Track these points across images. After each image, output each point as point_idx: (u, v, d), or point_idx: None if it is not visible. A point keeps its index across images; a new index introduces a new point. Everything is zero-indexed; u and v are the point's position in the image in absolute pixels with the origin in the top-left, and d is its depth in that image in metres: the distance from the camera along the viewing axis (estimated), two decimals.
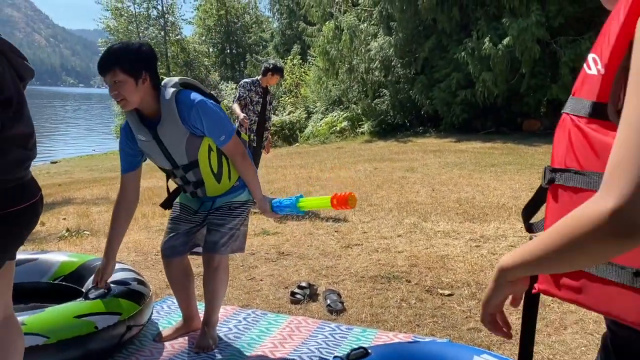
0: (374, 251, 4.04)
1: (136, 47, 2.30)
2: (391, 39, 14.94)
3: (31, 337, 2.04)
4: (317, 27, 18.78)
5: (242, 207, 2.60)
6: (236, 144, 2.45)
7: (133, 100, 2.28)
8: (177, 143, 2.37)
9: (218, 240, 2.53)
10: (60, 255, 3.10)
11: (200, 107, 2.33)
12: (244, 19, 32.79)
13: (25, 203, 1.62)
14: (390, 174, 7.91)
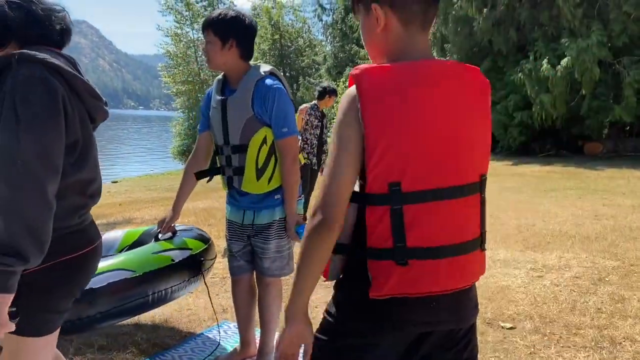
0: None
1: (232, 16, 2.36)
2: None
3: (122, 272, 2.42)
4: None
5: (283, 227, 2.51)
6: (293, 144, 2.41)
7: (216, 62, 2.39)
8: (237, 120, 2.39)
9: (268, 265, 2.51)
10: (121, 230, 3.30)
11: (278, 93, 2.35)
12: (297, 43, 33.36)
13: (82, 250, 1.55)
14: None
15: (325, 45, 31.45)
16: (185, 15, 32.42)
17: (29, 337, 1.43)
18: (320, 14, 30.36)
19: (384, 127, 1.14)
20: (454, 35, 14.09)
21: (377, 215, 1.17)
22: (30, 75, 1.34)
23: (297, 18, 34.79)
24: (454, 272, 1.22)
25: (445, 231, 1.20)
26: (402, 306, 1.20)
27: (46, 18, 1.46)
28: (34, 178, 1.31)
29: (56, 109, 1.37)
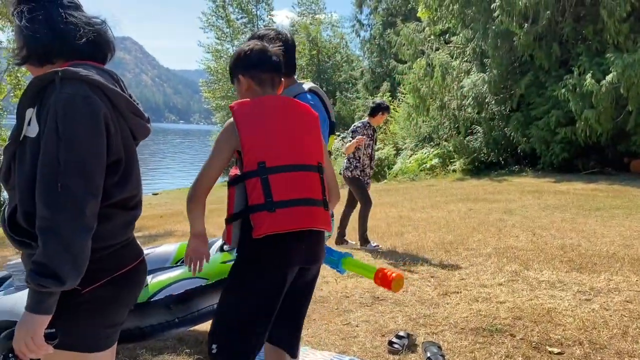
0: (474, 300, 3.87)
1: (270, 37, 2.36)
2: (485, 76, 14.63)
3: (196, 280, 2.64)
4: (407, 64, 18.81)
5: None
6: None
7: None
8: None
9: None
10: (173, 244, 3.41)
11: None
12: (334, 58, 33.51)
13: (134, 262, 1.57)
14: (486, 216, 7.63)
15: (363, 60, 31.47)
16: (225, 32, 33.09)
17: (91, 353, 1.45)
18: (358, 30, 30.46)
19: (250, 132, 1.89)
20: (494, 50, 13.87)
21: (252, 184, 1.86)
22: (74, 94, 1.34)
23: (334, 34, 35.02)
24: (307, 216, 1.89)
25: (298, 190, 1.89)
26: (279, 241, 1.87)
27: (90, 33, 1.46)
28: (73, 200, 1.30)
29: (98, 130, 1.37)
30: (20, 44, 1.43)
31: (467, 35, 15.49)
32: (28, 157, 1.36)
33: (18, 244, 1.41)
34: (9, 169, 1.42)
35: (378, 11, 27.54)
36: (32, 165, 1.35)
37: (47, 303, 1.31)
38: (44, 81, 1.36)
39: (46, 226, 1.29)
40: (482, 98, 14.93)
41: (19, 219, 1.38)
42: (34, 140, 1.36)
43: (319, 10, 35.85)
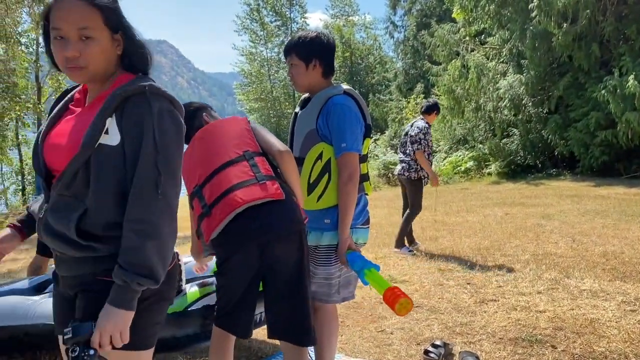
0: (512, 309, 3.77)
1: (312, 37, 2.42)
2: (522, 77, 14.33)
3: None
4: (442, 66, 18.60)
5: (333, 254, 2.38)
6: (352, 161, 2.31)
7: (302, 83, 2.46)
8: (301, 132, 2.42)
9: (314, 289, 2.41)
10: None
11: (342, 109, 2.31)
12: (367, 60, 33.42)
13: (175, 258, 1.62)
14: (523, 221, 7.45)
15: (396, 62, 31.27)
16: (259, 34, 33.37)
17: (144, 351, 1.50)
18: (392, 31, 30.27)
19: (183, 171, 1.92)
20: (532, 50, 13.55)
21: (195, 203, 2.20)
22: (162, 108, 1.44)
23: (368, 35, 34.92)
24: (236, 199, 2.06)
25: (222, 185, 2.11)
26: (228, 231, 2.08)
27: (142, 46, 1.55)
28: (170, 206, 1.42)
29: (182, 142, 1.50)
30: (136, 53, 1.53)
31: (504, 36, 15.21)
32: (108, 165, 1.42)
33: (81, 248, 1.43)
34: (74, 176, 1.43)
35: (412, 12, 27.33)
36: (112, 172, 1.42)
37: (135, 300, 1.39)
38: (129, 93, 1.43)
39: (146, 229, 1.38)
40: (518, 100, 14.63)
41: (89, 225, 1.42)
42: (115, 149, 1.42)
43: (352, 12, 35.83)
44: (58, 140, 1.48)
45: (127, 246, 1.38)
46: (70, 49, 1.41)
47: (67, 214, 1.43)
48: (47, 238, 1.48)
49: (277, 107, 32.72)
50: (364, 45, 34.09)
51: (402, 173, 5.93)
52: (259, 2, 32.99)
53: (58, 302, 1.61)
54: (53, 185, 1.46)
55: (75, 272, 1.48)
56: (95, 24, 1.42)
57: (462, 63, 16.39)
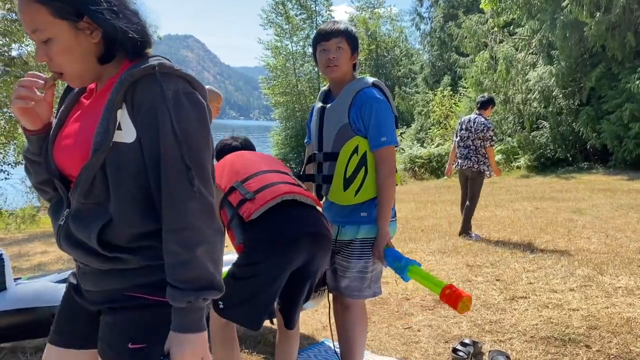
0: (544, 307, 3.66)
1: (352, 28, 2.42)
2: (552, 68, 14.01)
3: None
4: (470, 57, 18.31)
5: (367, 247, 2.37)
6: (392, 154, 2.32)
7: (343, 69, 2.38)
8: (332, 127, 2.38)
9: (346, 284, 2.42)
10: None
11: (377, 103, 2.31)
12: (393, 52, 33.11)
13: None
14: (554, 216, 7.27)
15: (423, 54, 30.92)
16: (284, 28, 33.30)
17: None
18: (418, 23, 29.93)
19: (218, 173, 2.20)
20: (562, 41, 13.21)
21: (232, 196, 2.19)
22: (177, 90, 1.21)
23: (393, 28, 34.57)
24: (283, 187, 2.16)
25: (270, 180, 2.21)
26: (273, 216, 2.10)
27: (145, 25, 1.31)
28: (208, 203, 1.22)
29: (207, 126, 1.26)
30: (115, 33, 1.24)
31: (533, 26, 14.87)
32: (127, 166, 1.21)
33: (106, 260, 1.25)
34: (92, 182, 1.23)
35: (439, 4, 26.97)
36: (133, 174, 1.22)
37: (204, 318, 1.22)
38: (136, 76, 1.19)
39: (190, 236, 1.18)
40: (549, 92, 14.32)
41: (113, 235, 1.23)
42: (132, 147, 1.21)
43: (377, 5, 35.45)
44: (67, 141, 1.28)
45: (175, 261, 1.19)
46: (39, 56, 1.23)
47: (89, 223, 1.24)
48: (67, 248, 1.28)
49: (302, 101, 32.66)
50: (390, 38, 33.76)
51: (470, 166, 6.19)
52: None
53: (69, 311, 1.43)
54: (71, 192, 1.26)
55: (101, 287, 1.30)
56: (43, 21, 1.18)
57: (491, 54, 16.12)
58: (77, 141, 1.25)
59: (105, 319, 1.29)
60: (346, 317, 2.49)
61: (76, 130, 1.27)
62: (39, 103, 1.31)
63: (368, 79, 2.41)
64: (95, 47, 1.24)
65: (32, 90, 1.26)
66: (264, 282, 2.10)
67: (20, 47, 17.47)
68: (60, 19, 1.18)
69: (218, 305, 2.12)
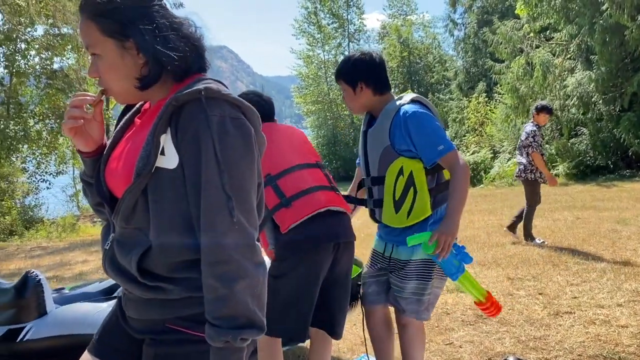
0: (590, 323, 3.54)
1: (355, 59, 2.39)
2: (591, 74, 13.65)
3: None
4: (505, 63, 18.02)
5: (424, 269, 2.33)
6: (457, 157, 2.21)
7: (354, 107, 2.46)
8: (375, 151, 2.37)
9: (404, 307, 2.40)
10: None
11: (416, 116, 2.24)
12: (426, 59, 32.88)
13: None
14: (596, 226, 7.06)
15: (456, 60, 30.59)
16: (317, 37, 33.51)
17: None
18: (452, 29, 29.64)
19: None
20: (602, 45, 12.86)
21: (266, 193, 2.10)
22: (223, 116, 1.16)
23: (426, 34, 34.37)
24: (320, 198, 2.20)
25: (306, 182, 2.21)
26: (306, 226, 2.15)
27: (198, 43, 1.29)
28: (249, 235, 1.16)
29: (253, 155, 1.20)
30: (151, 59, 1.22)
31: (571, 31, 14.54)
32: (168, 192, 1.18)
33: (147, 289, 1.22)
34: (134, 207, 1.21)
35: (473, 9, 26.66)
36: (174, 202, 1.19)
37: (244, 359, 1.15)
38: (181, 101, 1.16)
39: (229, 270, 1.12)
40: (588, 97, 13.95)
41: (153, 263, 1.21)
42: (174, 173, 1.18)
43: (410, 12, 35.40)
44: (115, 163, 1.27)
45: (212, 297, 1.13)
46: (90, 70, 1.24)
47: (130, 249, 1.22)
48: (111, 273, 1.28)
49: (333, 109, 32.75)
50: (423, 45, 33.56)
51: (519, 174, 6.40)
52: (316, 5, 33.13)
53: (114, 326, 1.40)
54: (113, 215, 1.26)
55: (143, 316, 1.28)
56: (93, 37, 1.20)
57: (527, 60, 15.82)
58: (123, 164, 1.24)
59: (147, 351, 1.26)
60: (402, 335, 2.49)
61: (124, 153, 1.26)
62: (90, 123, 1.31)
63: (407, 96, 2.39)
64: (140, 67, 1.23)
65: (82, 110, 1.27)
66: (301, 292, 2.16)
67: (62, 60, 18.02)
68: (107, 37, 1.20)
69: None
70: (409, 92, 2.53)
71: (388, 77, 2.43)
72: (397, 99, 2.39)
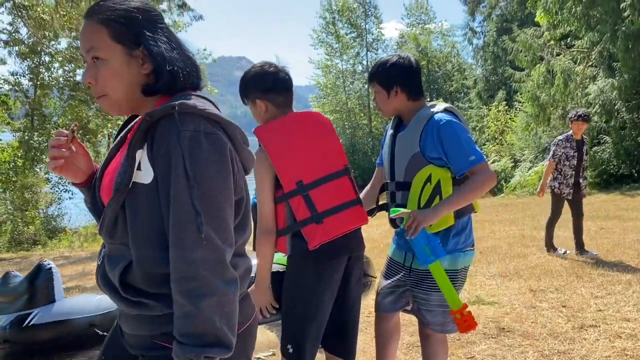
0: (616, 337, 3.46)
1: (392, 63, 2.37)
2: (614, 81, 13.47)
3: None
4: (525, 72, 17.88)
5: (452, 278, 2.30)
6: (488, 168, 2.18)
7: (386, 110, 2.43)
8: (403, 156, 2.34)
9: (429, 320, 2.38)
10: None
11: (448, 125, 2.20)
12: (445, 67, 32.77)
13: (252, 317, 1.38)
14: (621, 237, 6.92)
15: (476, 68, 30.43)
16: (335, 47, 33.61)
17: None
18: (471, 38, 29.54)
19: (280, 155, 2.07)
20: (625, 52, 12.68)
21: (296, 202, 2.06)
22: (196, 130, 1.16)
23: (445, 43, 34.26)
24: (350, 218, 2.15)
25: (337, 197, 2.13)
26: (330, 244, 2.08)
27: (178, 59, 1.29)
28: (219, 252, 1.14)
29: (227, 170, 1.19)
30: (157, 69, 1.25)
31: (593, 38, 14.38)
32: (143, 207, 1.19)
33: (131, 304, 1.22)
34: (115, 222, 1.22)
35: (492, 18, 26.55)
36: (148, 216, 1.18)
37: None
38: (156, 117, 1.17)
39: (196, 287, 1.11)
40: (610, 105, 13.77)
41: (134, 278, 1.21)
42: (148, 188, 1.18)
43: (428, 20, 35.32)
44: (107, 179, 1.29)
45: (179, 314, 1.12)
46: (86, 77, 1.23)
47: (115, 264, 1.23)
48: (103, 288, 1.28)
49: (352, 119, 32.77)
50: (442, 53, 33.46)
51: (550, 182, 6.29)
52: (334, 15, 33.27)
53: (116, 342, 1.40)
54: (99, 231, 1.28)
55: (134, 332, 1.29)
56: (101, 41, 1.20)
57: (547, 68, 15.67)
58: (109, 180, 1.26)
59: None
60: (425, 347, 2.49)
61: (113, 169, 1.28)
62: (75, 157, 1.35)
63: (440, 105, 2.37)
64: (143, 78, 1.25)
65: (60, 149, 1.29)
66: (317, 305, 2.13)
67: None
68: (117, 43, 1.21)
69: (288, 350, 2.11)
70: (440, 101, 2.54)
71: (422, 84, 2.42)
72: (430, 106, 2.37)
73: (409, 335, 3.55)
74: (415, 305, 2.43)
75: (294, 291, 2.15)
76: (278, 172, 2.06)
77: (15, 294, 3.25)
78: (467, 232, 2.34)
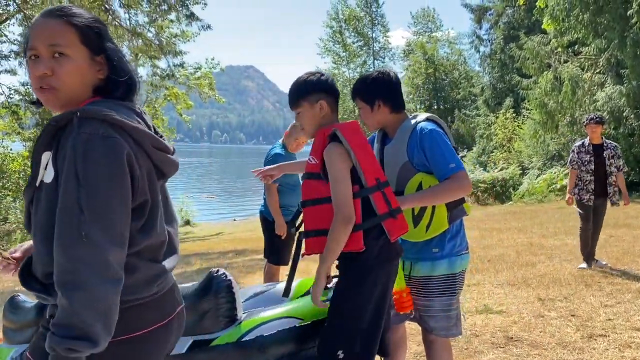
0: (626, 346, 3.43)
1: (372, 78, 2.44)
2: (622, 88, 13.42)
3: (290, 320, 2.44)
4: (533, 79, 17.85)
5: (448, 284, 2.38)
6: (466, 177, 2.28)
7: (371, 124, 2.49)
8: (393, 166, 2.40)
9: (433, 325, 2.41)
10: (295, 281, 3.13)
11: (431, 134, 2.31)
12: (452, 75, 32.75)
13: (154, 325, 1.37)
14: (630, 245, 6.87)
15: (483, 76, 30.39)
16: (342, 56, 33.73)
17: None
18: (478, 45, 29.52)
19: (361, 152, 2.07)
20: (633, 59, 12.63)
21: (377, 197, 2.08)
22: (92, 134, 1.21)
23: (452, 51, 34.27)
24: (403, 222, 2.18)
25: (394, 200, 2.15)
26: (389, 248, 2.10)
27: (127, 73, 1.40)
28: (98, 250, 1.17)
29: (121, 172, 1.23)
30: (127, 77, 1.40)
31: (600, 45, 14.35)
32: (43, 203, 1.26)
33: (37, 297, 1.34)
34: (29, 217, 1.34)
35: (499, 25, 26.53)
36: (47, 213, 1.25)
37: None
38: (61, 122, 1.25)
39: (69, 280, 1.15)
40: (619, 112, 13.71)
41: (35, 271, 1.32)
42: (50, 186, 1.25)
43: (435, 28, 35.39)
44: None
45: (58, 305, 1.18)
46: (42, 67, 1.28)
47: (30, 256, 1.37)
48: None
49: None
50: (449, 61, 33.44)
51: None
52: (341, 24, 33.43)
53: None
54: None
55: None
56: (69, 40, 1.29)
57: (555, 75, 15.64)
58: None
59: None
60: (429, 353, 2.49)
61: None
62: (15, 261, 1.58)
63: (422, 115, 2.46)
64: (97, 81, 1.37)
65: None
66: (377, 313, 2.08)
67: None
68: (85, 46, 1.33)
69: (337, 357, 2.02)
70: (421, 111, 2.59)
71: (403, 96, 2.51)
72: (412, 117, 2.46)
73: (416, 344, 3.54)
74: (417, 313, 2.46)
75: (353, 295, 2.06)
76: (362, 166, 2.05)
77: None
78: (461, 234, 2.44)
